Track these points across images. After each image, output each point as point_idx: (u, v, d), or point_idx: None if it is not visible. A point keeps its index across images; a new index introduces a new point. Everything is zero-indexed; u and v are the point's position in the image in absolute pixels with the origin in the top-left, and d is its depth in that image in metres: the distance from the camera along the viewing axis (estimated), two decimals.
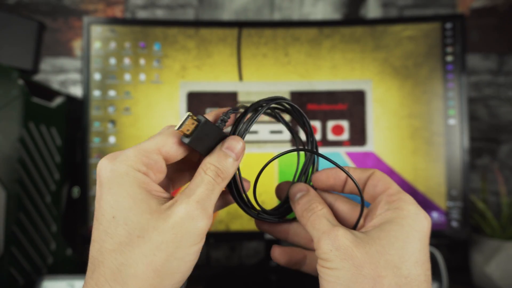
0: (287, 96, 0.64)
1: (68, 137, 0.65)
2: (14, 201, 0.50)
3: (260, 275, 0.66)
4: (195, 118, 0.23)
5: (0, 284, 0.49)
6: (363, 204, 0.26)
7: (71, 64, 0.86)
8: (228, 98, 0.63)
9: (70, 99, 0.66)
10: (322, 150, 0.63)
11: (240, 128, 0.26)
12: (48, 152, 0.59)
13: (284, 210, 0.30)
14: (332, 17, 0.86)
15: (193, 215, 0.22)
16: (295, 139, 0.32)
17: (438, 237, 0.63)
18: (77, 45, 0.86)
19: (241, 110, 0.27)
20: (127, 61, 0.63)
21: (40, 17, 0.86)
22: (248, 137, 0.63)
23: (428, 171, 0.62)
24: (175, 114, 0.63)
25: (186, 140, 0.23)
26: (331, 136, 0.63)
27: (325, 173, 0.29)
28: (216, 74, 0.63)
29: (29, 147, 0.54)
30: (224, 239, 0.63)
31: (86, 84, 0.62)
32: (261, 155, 0.62)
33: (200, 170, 0.24)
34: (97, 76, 0.62)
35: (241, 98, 0.63)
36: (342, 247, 0.22)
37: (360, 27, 0.64)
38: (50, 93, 0.61)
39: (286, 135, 0.63)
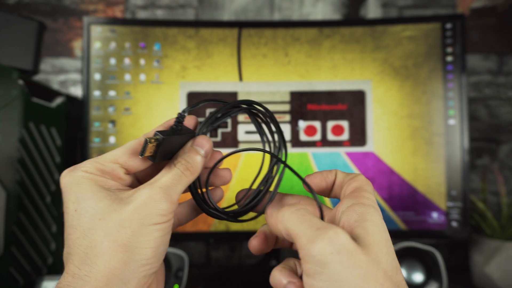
0: (287, 96, 0.64)
1: (68, 137, 0.65)
2: (14, 201, 0.50)
3: (260, 275, 0.66)
4: (153, 139, 0.24)
5: (0, 284, 0.49)
6: (320, 207, 0.26)
7: (71, 64, 0.86)
8: (228, 98, 0.63)
9: (70, 99, 0.66)
10: (322, 150, 0.63)
11: (206, 127, 0.28)
12: (48, 152, 0.59)
13: (239, 213, 0.30)
14: (332, 17, 0.86)
15: (156, 198, 0.23)
16: (263, 141, 0.32)
17: (438, 237, 0.63)
18: (77, 45, 0.86)
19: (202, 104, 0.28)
20: (127, 61, 0.63)
21: (40, 17, 0.86)
22: (247, 137, 0.63)
23: (428, 171, 0.62)
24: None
25: (154, 160, 0.25)
26: (331, 136, 0.63)
27: (319, 176, 0.28)
28: (216, 74, 0.63)
29: (29, 147, 0.54)
30: (224, 239, 0.63)
31: (86, 84, 0.62)
32: (261, 155, 0.62)
33: (170, 163, 0.26)
34: (97, 76, 0.62)
35: (241, 98, 0.63)
36: (345, 249, 0.19)
37: (360, 27, 0.64)
38: (50, 93, 0.61)
39: (287, 135, 0.63)
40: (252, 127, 0.63)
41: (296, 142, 0.63)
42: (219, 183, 0.30)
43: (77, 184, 0.24)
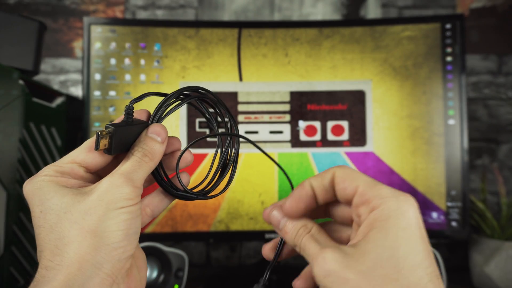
0: (287, 97, 0.64)
1: (68, 137, 0.65)
2: (14, 201, 0.50)
3: (260, 275, 0.66)
4: (105, 132, 0.25)
5: (0, 284, 0.49)
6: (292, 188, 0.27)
7: (71, 64, 0.86)
8: (228, 99, 0.63)
9: (71, 99, 0.66)
10: (322, 150, 0.63)
11: (157, 117, 0.29)
12: (48, 152, 0.59)
13: (208, 191, 0.31)
14: (332, 17, 0.86)
15: (117, 183, 0.24)
16: (212, 125, 0.33)
17: (438, 237, 0.63)
18: (78, 46, 0.86)
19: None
20: (127, 61, 0.63)
21: (40, 18, 0.86)
22: (248, 137, 0.63)
23: (428, 171, 0.63)
24: (175, 114, 0.63)
25: (110, 153, 0.26)
26: (331, 136, 0.63)
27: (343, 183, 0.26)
28: (216, 75, 0.63)
29: (29, 147, 0.54)
30: (224, 239, 0.63)
31: (86, 85, 0.62)
32: (261, 155, 0.63)
33: (128, 153, 0.26)
34: (97, 77, 0.62)
35: (241, 98, 0.63)
36: (333, 271, 0.22)
37: (360, 27, 0.64)
38: (51, 94, 0.61)
39: (287, 135, 0.63)
40: (253, 128, 0.63)
41: (296, 142, 0.63)
42: (181, 165, 0.31)
43: (38, 188, 0.24)
